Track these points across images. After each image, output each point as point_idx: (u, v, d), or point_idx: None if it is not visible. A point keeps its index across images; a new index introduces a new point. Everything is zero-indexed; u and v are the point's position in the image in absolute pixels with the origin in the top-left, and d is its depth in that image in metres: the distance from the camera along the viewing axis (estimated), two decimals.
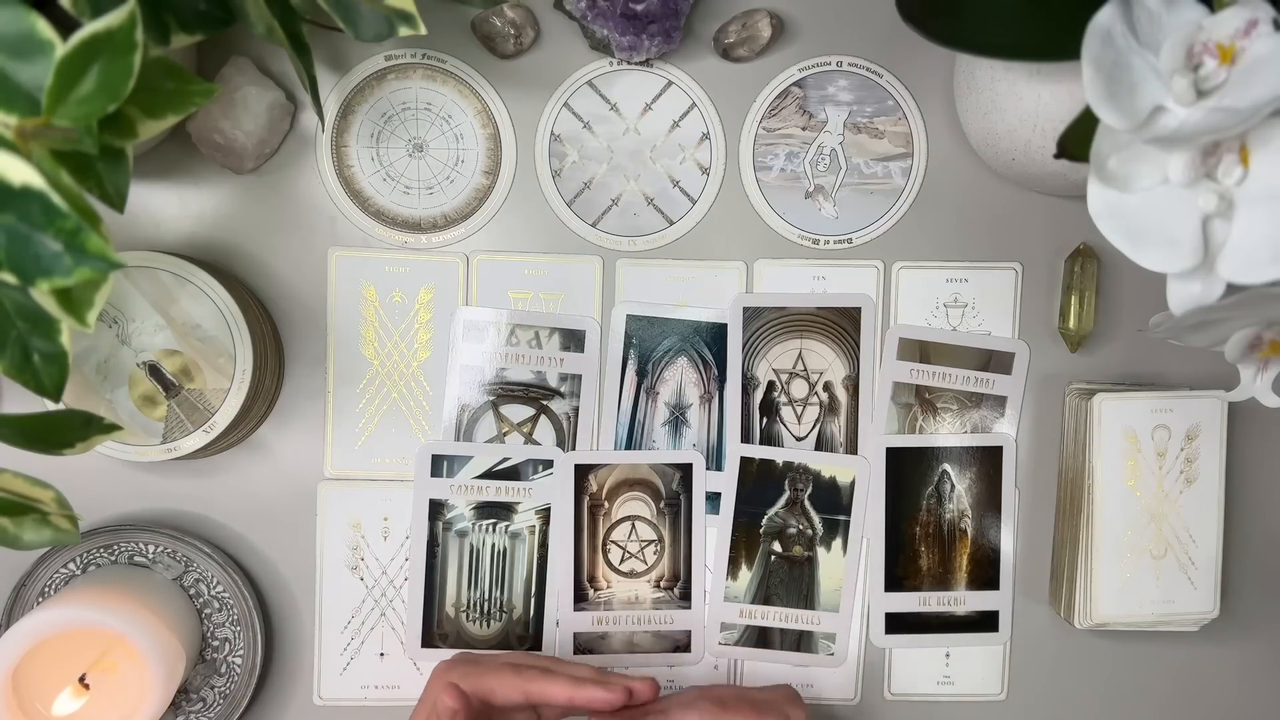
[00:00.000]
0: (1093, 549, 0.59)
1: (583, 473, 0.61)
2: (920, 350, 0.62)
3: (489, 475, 0.61)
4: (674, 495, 0.62)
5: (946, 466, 0.62)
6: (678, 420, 0.62)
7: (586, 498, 0.61)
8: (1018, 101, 0.51)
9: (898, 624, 0.63)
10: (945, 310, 0.62)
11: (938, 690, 0.63)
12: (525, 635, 0.61)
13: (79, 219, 0.33)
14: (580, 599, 0.62)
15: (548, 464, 0.61)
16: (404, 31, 0.44)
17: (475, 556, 0.61)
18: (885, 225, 0.61)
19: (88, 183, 0.39)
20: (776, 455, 0.62)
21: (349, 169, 0.60)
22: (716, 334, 0.61)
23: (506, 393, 0.61)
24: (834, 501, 0.62)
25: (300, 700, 0.62)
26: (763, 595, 0.62)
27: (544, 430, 0.61)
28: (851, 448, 0.62)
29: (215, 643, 0.60)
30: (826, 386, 0.62)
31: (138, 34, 0.35)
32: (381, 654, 0.62)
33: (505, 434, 0.61)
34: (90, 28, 0.34)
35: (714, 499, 0.62)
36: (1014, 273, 0.62)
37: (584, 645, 0.62)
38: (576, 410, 0.61)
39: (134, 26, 0.35)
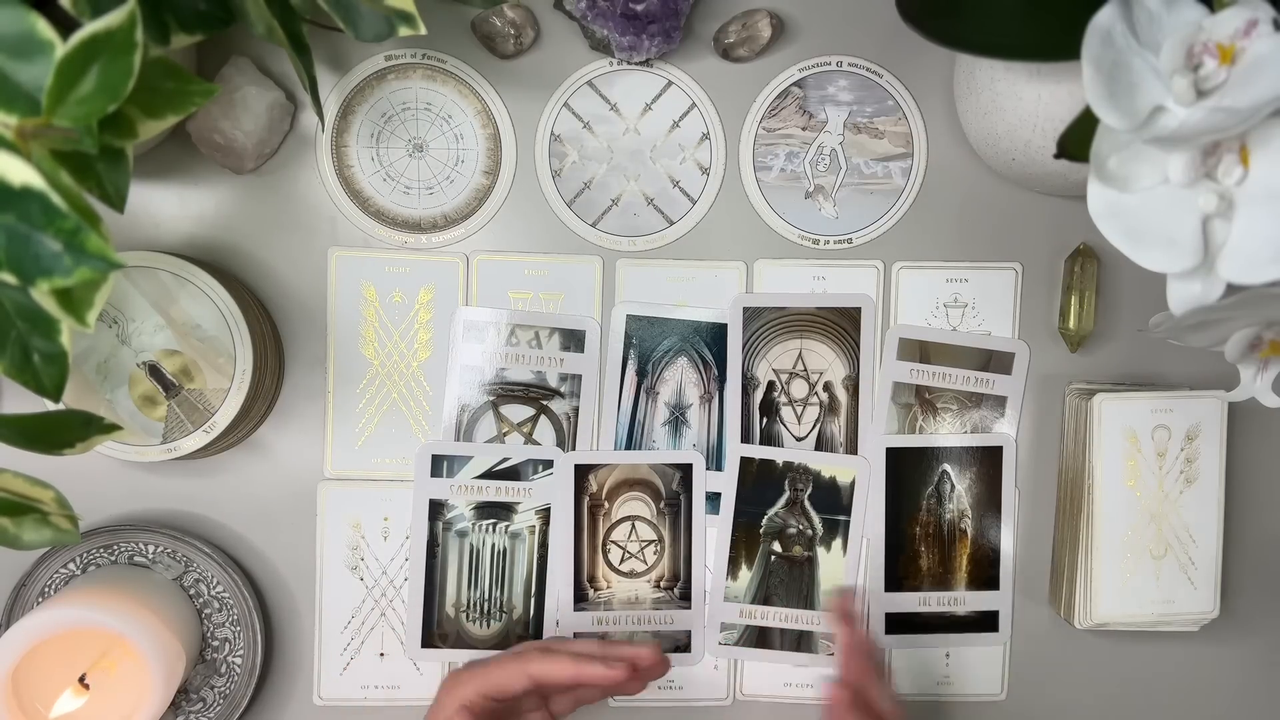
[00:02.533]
0: (1093, 549, 0.59)
1: (583, 473, 0.61)
2: (920, 350, 0.62)
3: (489, 475, 0.61)
4: (674, 495, 0.62)
5: (946, 466, 0.62)
6: (678, 420, 0.62)
7: (586, 498, 0.61)
8: (1018, 101, 0.51)
9: (898, 624, 0.63)
10: (945, 310, 0.62)
11: (938, 690, 0.63)
12: (525, 635, 0.61)
13: (79, 219, 0.33)
14: (580, 599, 0.62)
15: (548, 464, 0.61)
16: (404, 31, 0.44)
17: (475, 556, 0.61)
18: (885, 225, 0.61)
19: (88, 183, 0.39)
20: (776, 455, 0.62)
21: (349, 169, 0.60)
22: (716, 334, 0.61)
23: (506, 393, 0.61)
24: (834, 501, 0.62)
25: (300, 700, 0.62)
26: (763, 595, 0.62)
27: (544, 430, 0.61)
28: (851, 448, 0.62)
29: (215, 643, 0.60)
30: (826, 386, 0.62)
31: (138, 34, 0.35)
32: (381, 654, 0.62)
33: (505, 434, 0.61)
34: (90, 28, 0.34)
35: (714, 499, 0.62)
36: (1014, 273, 0.62)
37: None
38: (576, 410, 0.61)
39: (134, 26, 0.35)
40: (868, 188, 0.61)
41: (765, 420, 0.62)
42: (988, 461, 0.62)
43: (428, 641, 0.61)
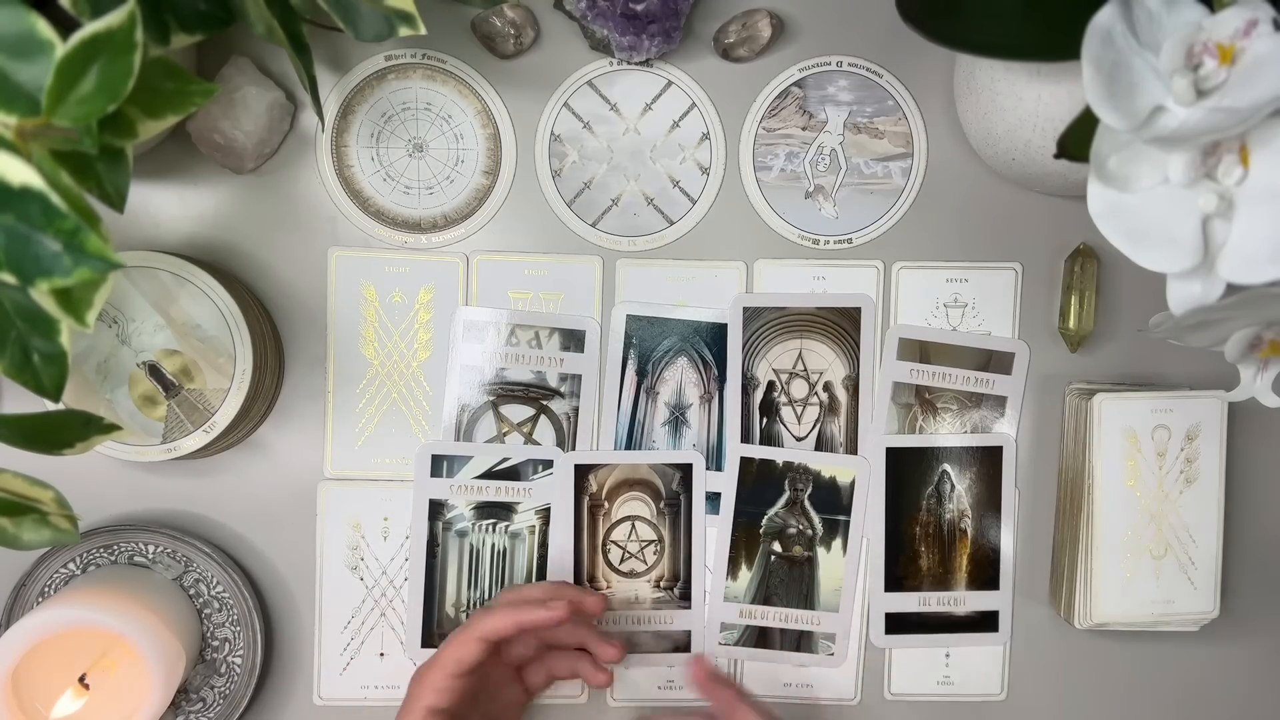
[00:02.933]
0: (1093, 549, 0.59)
1: (583, 473, 0.61)
2: (920, 350, 0.62)
3: (489, 475, 0.61)
4: (674, 495, 0.62)
5: (946, 466, 0.62)
6: (678, 420, 0.61)
7: (586, 498, 0.61)
8: (1018, 101, 0.51)
9: (898, 624, 0.63)
10: (945, 310, 0.62)
11: (938, 690, 0.63)
12: None
13: (79, 219, 0.33)
14: None
15: (548, 464, 0.61)
16: (404, 31, 0.44)
17: (475, 556, 0.61)
18: (885, 225, 0.61)
19: (88, 183, 0.39)
20: (776, 455, 0.62)
21: (349, 169, 0.60)
22: (716, 334, 0.61)
23: (506, 393, 0.61)
24: (834, 501, 0.62)
25: (300, 700, 0.62)
26: (763, 595, 0.62)
27: (544, 430, 0.61)
28: (851, 448, 0.62)
29: (215, 643, 0.60)
30: (826, 386, 0.62)
31: (138, 34, 0.35)
32: (381, 654, 0.62)
33: (505, 434, 0.61)
34: (90, 28, 0.34)
35: (714, 499, 0.62)
36: (1014, 273, 0.62)
37: None
38: (576, 410, 0.61)
39: (134, 26, 0.35)
40: (868, 188, 0.61)
41: (765, 420, 0.62)
42: (988, 461, 0.62)
43: (428, 641, 0.61)
